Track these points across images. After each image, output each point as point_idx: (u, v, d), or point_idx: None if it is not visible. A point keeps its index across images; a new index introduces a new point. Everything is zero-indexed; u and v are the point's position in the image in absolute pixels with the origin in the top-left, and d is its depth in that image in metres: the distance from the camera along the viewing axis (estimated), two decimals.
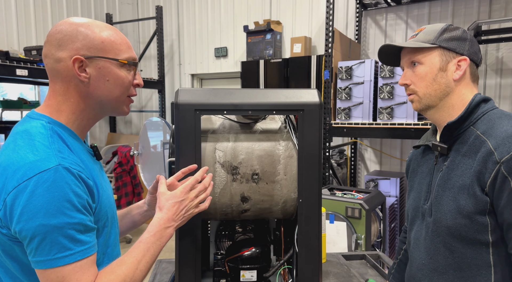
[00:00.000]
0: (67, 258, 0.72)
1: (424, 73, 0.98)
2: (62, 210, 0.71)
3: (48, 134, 0.79)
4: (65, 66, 0.82)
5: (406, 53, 1.02)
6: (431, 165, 1.04)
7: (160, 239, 0.88)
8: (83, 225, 0.75)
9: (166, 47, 5.14)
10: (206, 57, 4.92)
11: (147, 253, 0.85)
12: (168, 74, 5.20)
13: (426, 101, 1.00)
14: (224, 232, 1.39)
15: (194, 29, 4.98)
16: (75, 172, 0.75)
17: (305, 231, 1.14)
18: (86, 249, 0.76)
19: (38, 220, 0.70)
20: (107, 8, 5.20)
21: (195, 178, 0.98)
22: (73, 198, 0.73)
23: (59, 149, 0.77)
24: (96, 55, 0.83)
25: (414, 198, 1.09)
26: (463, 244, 0.93)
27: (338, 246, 2.51)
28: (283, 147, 1.16)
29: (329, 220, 2.54)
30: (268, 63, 4.25)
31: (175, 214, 0.92)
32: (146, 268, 0.84)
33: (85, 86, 0.84)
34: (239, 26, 4.60)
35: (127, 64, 0.87)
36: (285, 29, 4.51)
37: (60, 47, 0.82)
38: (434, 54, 0.97)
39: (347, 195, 2.75)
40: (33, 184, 0.70)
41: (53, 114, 0.83)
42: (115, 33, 0.87)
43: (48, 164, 0.73)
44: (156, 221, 0.90)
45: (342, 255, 1.63)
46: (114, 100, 0.87)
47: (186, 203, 0.94)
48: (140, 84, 0.93)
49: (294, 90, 1.16)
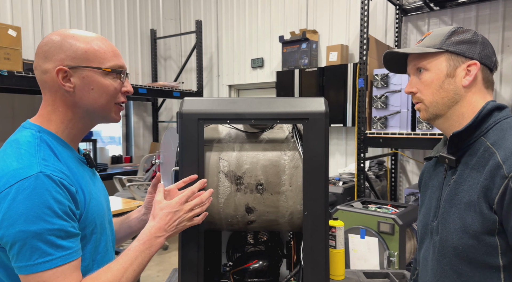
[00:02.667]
0: (48, 263, 0.74)
1: (430, 80, 0.91)
2: (42, 217, 0.73)
3: (35, 143, 0.82)
4: (51, 77, 0.85)
5: (412, 59, 0.95)
6: (441, 179, 0.96)
7: (150, 248, 0.88)
8: (63, 231, 0.76)
9: (206, 60, 5.29)
10: (243, 68, 4.99)
11: (135, 261, 0.85)
12: (207, 85, 5.34)
13: (433, 109, 0.92)
14: (236, 243, 1.38)
15: (232, 41, 5.09)
16: (56, 179, 0.77)
17: (311, 246, 1.09)
18: (68, 254, 0.76)
19: (18, 227, 0.72)
20: (151, 24, 5.48)
21: (191, 189, 0.97)
22: (53, 204, 0.75)
23: (44, 157, 0.79)
24: (80, 65, 0.85)
25: (423, 214, 1.00)
26: (471, 267, 0.83)
27: (370, 263, 2.39)
28: (288, 157, 1.12)
29: (360, 235, 2.43)
30: (303, 72, 4.22)
31: (167, 224, 0.91)
32: (132, 276, 0.83)
33: (71, 96, 0.86)
34: (275, 37, 4.62)
35: (111, 72, 0.88)
36: (322, 37, 4.46)
37: (46, 59, 0.85)
38: (441, 59, 0.90)
39: (381, 209, 2.61)
40: (14, 191, 0.73)
41: (44, 124, 0.87)
42: (100, 42, 0.89)
43: (30, 171, 0.75)
44: (147, 229, 0.90)
45: (363, 273, 1.54)
46: (101, 108, 0.89)
47: (179, 214, 0.93)
48: (129, 91, 0.94)
49: (301, 99, 1.13)
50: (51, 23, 4.30)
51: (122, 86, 0.92)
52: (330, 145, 4.46)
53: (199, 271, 1.10)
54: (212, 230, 1.24)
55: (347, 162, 4.36)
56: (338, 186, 3.43)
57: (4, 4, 3.94)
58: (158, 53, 5.52)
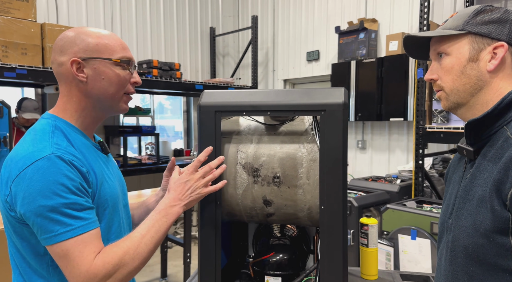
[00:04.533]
0: (69, 232, 0.81)
1: (451, 65, 0.81)
2: (57, 192, 0.81)
3: (50, 130, 0.90)
4: (66, 68, 0.93)
5: (433, 43, 0.86)
6: (461, 172, 0.85)
7: (166, 216, 0.94)
8: (79, 205, 0.83)
9: (262, 55, 5.32)
10: (298, 61, 4.92)
11: (151, 228, 0.91)
12: (263, 81, 5.37)
13: (454, 98, 0.82)
14: (262, 235, 1.38)
15: (288, 35, 5.04)
16: (67, 159, 0.84)
17: (327, 242, 1.05)
18: (87, 224, 0.83)
19: (37, 203, 0.80)
20: (211, 22, 5.66)
21: (198, 160, 1.03)
22: (66, 181, 0.82)
23: (57, 142, 0.88)
24: (91, 56, 0.92)
25: (443, 211, 0.91)
26: (483, 269, 0.74)
27: (421, 266, 2.23)
28: (306, 150, 1.09)
29: (411, 236, 2.27)
30: (360, 63, 4.03)
31: (180, 193, 0.97)
32: (151, 242, 0.89)
33: (84, 85, 0.94)
34: (332, 28, 4.48)
35: (120, 62, 0.95)
36: (381, 26, 4.21)
37: (61, 53, 0.93)
38: (463, 42, 0.80)
39: (437, 209, 2.41)
40: (30, 171, 0.82)
41: (60, 113, 0.96)
42: (110, 37, 0.96)
43: (43, 153, 0.84)
44: (163, 200, 0.97)
45: (400, 274, 1.44)
46: (110, 97, 0.96)
47: (191, 183, 0.98)
48: (137, 82, 1.00)
49: (320, 89, 1.08)
50: (119, 23, 4.67)
51: (131, 77, 0.99)
52: (390, 141, 4.22)
53: (217, 262, 1.12)
54: (234, 221, 1.26)
55: (408, 159, 4.08)
56: (394, 184, 3.23)
57: (77, 6, 4.37)
58: (216, 50, 5.68)
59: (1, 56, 3.05)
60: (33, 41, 3.23)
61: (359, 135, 4.47)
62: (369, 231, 1.37)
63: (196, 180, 1.00)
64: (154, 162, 4.55)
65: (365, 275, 1.39)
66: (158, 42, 5.06)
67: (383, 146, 4.29)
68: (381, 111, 3.93)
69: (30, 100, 3.58)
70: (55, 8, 4.17)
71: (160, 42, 5.08)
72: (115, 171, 1.05)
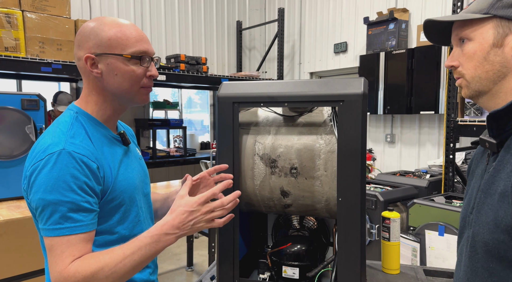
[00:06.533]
0: (56, 231, 0.83)
1: (473, 51, 0.77)
2: (57, 189, 0.82)
3: (70, 122, 0.93)
4: (83, 64, 0.95)
5: (455, 28, 0.81)
6: (484, 166, 0.82)
7: (157, 243, 0.86)
8: (75, 205, 0.83)
9: (288, 48, 5.28)
10: (325, 54, 4.85)
11: (137, 251, 0.85)
12: (289, 74, 5.33)
13: (475, 85, 0.78)
14: (280, 226, 1.39)
15: (315, 27, 4.97)
16: (76, 156, 0.86)
17: (345, 234, 1.04)
18: (76, 226, 0.83)
19: (39, 194, 0.83)
20: (238, 16, 5.67)
21: (213, 192, 0.91)
22: (68, 179, 0.83)
23: (73, 135, 0.90)
24: (104, 52, 0.92)
25: (464, 206, 0.87)
26: (504, 266, 0.70)
27: (449, 263, 2.16)
28: (324, 141, 1.08)
29: (438, 232, 2.20)
30: (390, 55, 3.91)
31: (181, 223, 0.87)
32: (131, 265, 0.84)
33: (99, 81, 0.95)
34: (360, 19, 4.37)
35: (132, 58, 0.94)
36: (412, 16, 4.06)
37: (79, 47, 0.95)
38: (487, 26, 0.75)
39: None
40: (42, 164, 0.85)
41: (82, 105, 0.98)
42: (125, 29, 0.94)
43: (56, 147, 0.86)
44: (160, 224, 0.88)
45: (423, 270, 1.41)
46: (126, 92, 0.96)
47: (196, 215, 0.88)
48: (153, 75, 0.98)
49: (339, 79, 1.07)
50: (148, 19, 4.78)
51: (147, 71, 0.98)
52: (420, 135, 4.08)
53: (235, 251, 1.14)
54: (253, 212, 1.27)
55: (439, 154, 3.94)
56: (423, 179, 3.14)
57: (109, 2, 4.51)
58: (243, 43, 5.69)
59: (38, 52, 3.21)
60: (67, 37, 3.37)
61: (388, 128, 4.35)
62: (391, 225, 1.35)
63: (203, 213, 0.89)
64: (181, 155, 4.65)
65: (387, 269, 1.36)
66: (186, 36, 5.14)
67: (412, 140, 4.16)
68: (411, 104, 3.81)
69: (65, 94, 3.75)
70: (88, 4, 4.32)
71: (188, 36, 5.15)
72: (135, 162, 1.06)
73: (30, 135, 2.35)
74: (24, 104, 2.35)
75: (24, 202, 2.27)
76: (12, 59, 3.02)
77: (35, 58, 3.14)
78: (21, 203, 2.26)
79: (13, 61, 3.02)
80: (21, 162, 2.32)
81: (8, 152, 2.27)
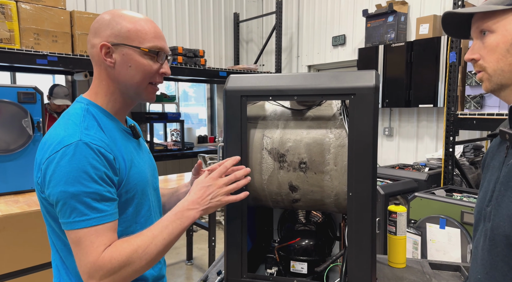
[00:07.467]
0: (83, 222, 0.82)
1: (495, 44, 0.75)
2: (79, 180, 0.82)
3: (82, 114, 0.92)
4: (96, 51, 0.93)
5: (475, 20, 0.80)
6: (502, 158, 0.81)
7: (181, 219, 0.91)
8: (98, 195, 0.83)
9: (286, 41, 5.24)
10: (324, 47, 4.82)
11: (164, 230, 0.88)
12: (286, 67, 5.30)
13: (497, 79, 0.77)
14: (287, 221, 1.38)
15: (313, 19, 4.93)
16: (94, 147, 0.85)
17: (356, 229, 1.03)
18: (102, 216, 0.83)
19: (60, 187, 0.82)
20: (235, 8, 5.61)
21: (224, 165, 0.99)
22: (89, 169, 0.83)
23: (87, 127, 0.89)
24: (121, 43, 0.91)
25: (480, 199, 0.86)
26: None
27: (449, 256, 2.17)
28: (334, 135, 1.07)
29: (439, 225, 2.21)
30: (389, 48, 3.90)
31: (200, 198, 0.94)
32: (162, 244, 0.87)
33: (112, 70, 0.94)
34: (359, 11, 4.34)
35: (149, 52, 0.93)
36: (411, 9, 4.04)
37: (95, 35, 0.94)
38: (510, 18, 0.74)
39: (467, 198, 2.33)
40: (59, 156, 0.83)
41: (92, 97, 0.97)
42: (144, 23, 0.94)
43: (72, 139, 0.85)
44: (182, 202, 0.94)
45: (429, 263, 1.41)
46: (135, 85, 0.95)
47: (212, 189, 0.95)
48: (166, 72, 0.98)
49: (350, 72, 1.05)
50: (144, 10, 4.70)
51: (160, 67, 0.97)
52: (418, 128, 4.09)
53: (243, 246, 1.13)
54: (259, 207, 1.26)
55: (438, 147, 3.96)
56: (423, 172, 3.15)
57: None
58: (240, 36, 5.64)
59: (33, 44, 3.15)
60: (63, 29, 3.30)
61: (386, 122, 4.36)
62: (398, 219, 1.34)
63: (219, 186, 0.96)
64: (179, 148, 4.62)
65: (393, 263, 1.36)
66: (182, 28, 5.07)
67: (411, 133, 4.17)
68: (410, 97, 3.81)
69: (61, 87, 3.69)
70: None
71: (184, 28, 5.09)
72: (146, 155, 1.06)
73: (27, 129, 2.31)
74: (21, 97, 2.30)
75: (22, 197, 2.23)
76: (7, 51, 2.96)
77: (30, 50, 3.08)
78: (19, 197, 2.23)
79: (8, 53, 2.96)
80: (18, 156, 2.28)
81: (5, 146, 2.23)
